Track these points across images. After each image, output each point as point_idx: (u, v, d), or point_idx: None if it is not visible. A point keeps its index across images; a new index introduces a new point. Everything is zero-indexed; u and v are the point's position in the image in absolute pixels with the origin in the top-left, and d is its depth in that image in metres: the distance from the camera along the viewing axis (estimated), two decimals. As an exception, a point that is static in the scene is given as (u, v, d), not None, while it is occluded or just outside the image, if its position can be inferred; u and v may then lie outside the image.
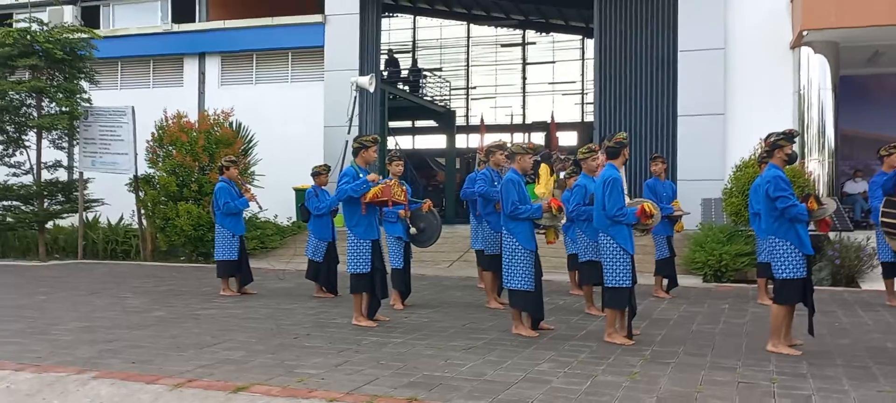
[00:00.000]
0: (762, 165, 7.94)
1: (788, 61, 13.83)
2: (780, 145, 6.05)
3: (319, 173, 9.52)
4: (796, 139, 6.21)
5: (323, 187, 9.47)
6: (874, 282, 9.29)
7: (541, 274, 6.88)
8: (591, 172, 7.83)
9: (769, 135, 6.14)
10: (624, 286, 6.31)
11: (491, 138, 21.06)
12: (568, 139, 25.94)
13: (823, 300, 8.53)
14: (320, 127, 16.85)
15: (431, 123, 26.16)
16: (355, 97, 15.70)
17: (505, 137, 22.23)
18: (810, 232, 6.12)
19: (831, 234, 10.98)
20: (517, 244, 6.72)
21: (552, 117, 25.68)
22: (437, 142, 26.75)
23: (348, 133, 15.15)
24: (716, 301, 8.87)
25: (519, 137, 26.14)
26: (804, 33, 12.89)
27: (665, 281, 9.27)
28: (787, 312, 6.02)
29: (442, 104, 24.49)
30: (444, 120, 24.33)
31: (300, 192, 14.49)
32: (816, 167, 13.25)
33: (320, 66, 17.25)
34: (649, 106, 15.06)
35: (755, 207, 8.19)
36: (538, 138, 26.12)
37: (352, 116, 15.55)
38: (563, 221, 7.16)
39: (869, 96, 15.42)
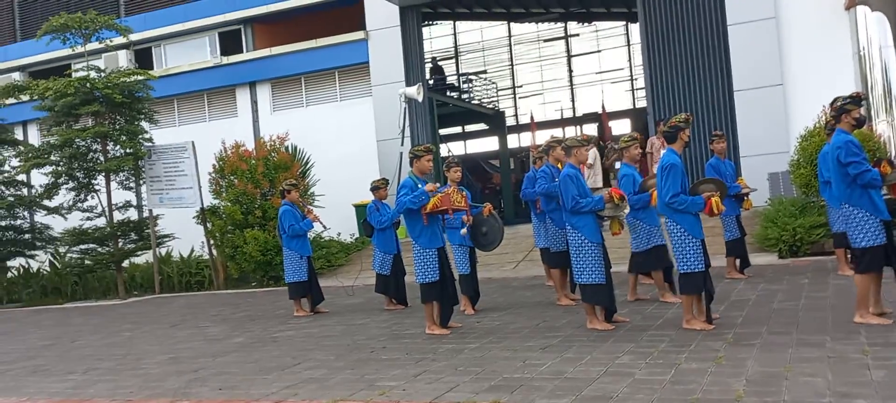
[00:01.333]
0: (830, 133, 7.71)
1: (845, 23, 13.37)
2: (847, 109, 5.87)
3: (378, 187, 9.63)
4: (864, 102, 6.01)
5: (383, 201, 9.58)
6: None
7: (609, 265, 6.82)
8: (633, 161, 7.76)
9: (835, 100, 5.96)
10: (697, 270, 6.20)
11: (542, 135, 20.97)
12: (621, 127, 25.58)
13: (908, 265, 8.19)
14: (373, 142, 17.04)
15: (482, 126, 26.15)
16: (405, 108, 15.83)
17: (556, 132, 22.10)
18: (885, 198, 5.91)
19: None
20: (583, 238, 6.67)
21: (603, 107, 25.39)
22: (490, 144, 26.71)
23: (401, 145, 15.26)
24: (794, 276, 8.62)
25: (571, 131, 25.90)
26: (859, -9, 12.46)
27: (737, 262, 9.07)
28: (872, 280, 5.81)
29: (490, 106, 24.47)
30: (494, 121, 24.31)
31: (361, 209, 14.67)
32: (886, 128, 12.75)
33: (367, 81, 17.46)
34: (703, 84, 14.74)
35: (825, 175, 7.95)
36: (590, 130, 25.84)
37: (404, 128, 15.68)
38: (627, 211, 7.07)
39: (935, 49, 14.77)
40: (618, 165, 12.81)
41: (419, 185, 7.24)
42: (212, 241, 15.11)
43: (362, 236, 15.05)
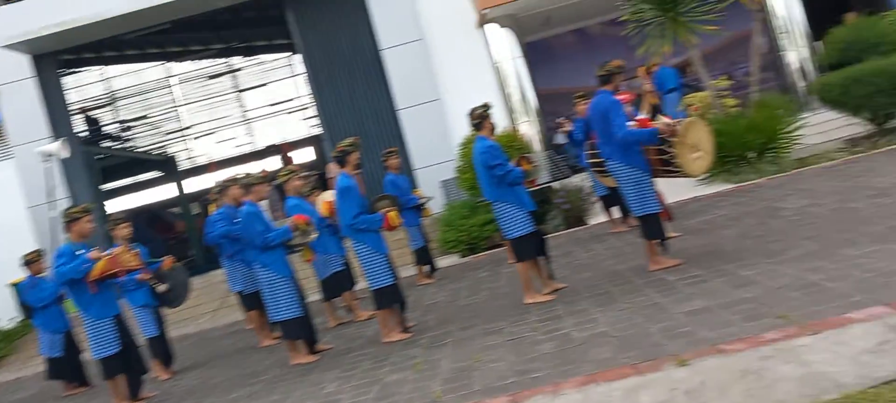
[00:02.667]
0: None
1: (481, 39, 14.96)
2: (487, 115, 6.53)
3: (32, 261, 8.47)
4: (491, 109, 6.64)
5: (40, 275, 8.41)
6: (598, 217, 10.47)
7: (304, 297, 6.78)
8: (296, 192, 7.86)
9: (474, 110, 6.58)
10: (387, 284, 6.43)
11: (223, 175, 20.22)
12: (305, 156, 25.78)
13: (562, 244, 9.43)
14: (23, 210, 14.89)
15: (154, 174, 24.44)
16: (50, 168, 14.07)
17: (238, 169, 21.48)
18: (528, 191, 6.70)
19: (555, 184, 12.17)
20: (273, 274, 6.54)
21: (282, 139, 25.34)
22: (167, 192, 25.04)
23: (52, 209, 13.55)
24: (474, 272, 9.35)
25: (252, 167, 25.37)
26: (484, 12, 14.02)
27: (426, 268, 9.62)
28: (531, 265, 6.55)
29: (159, 152, 22.97)
30: (167, 167, 22.86)
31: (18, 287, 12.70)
32: (528, 128, 14.56)
33: (4, 143, 15.22)
34: (369, 107, 15.42)
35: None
36: (273, 163, 25.59)
37: (52, 190, 13.91)
38: (315, 235, 7.09)
39: (554, 55, 17.26)
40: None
41: (80, 251, 6.46)
42: None
43: (26, 319, 13.05)
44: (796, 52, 14.19)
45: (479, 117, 6.51)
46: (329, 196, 7.81)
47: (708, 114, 11.07)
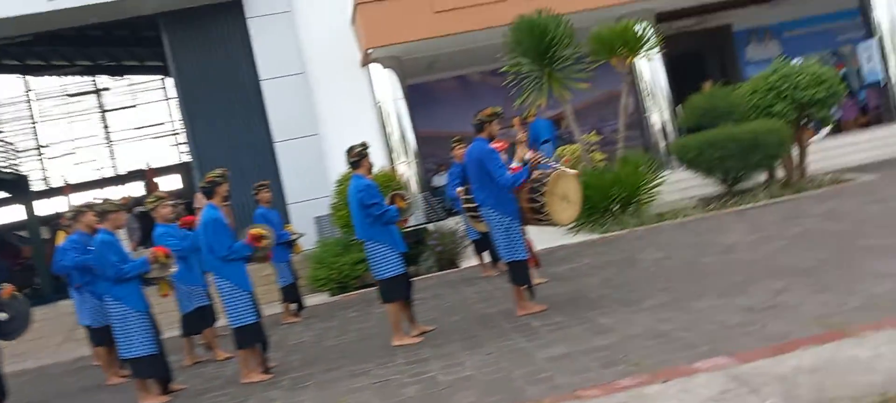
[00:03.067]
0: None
1: (364, 77, 15.00)
2: (365, 154, 6.49)
3: None
4: (369, 150, 6.62)
5: None
6: (469, 260, 10.60)
7: (159, 333, 6.40)
8: (164, 219, 7.53)
9: (352, 148, 6.53)
10: (249, 323, 6.18)
11: (80, 198, 18.96)
12: (172, 183, 24.64)
13: (433, 286, 9.47)
14: None
15: (2, 194, 22.56)
16: None
17: (98, 194, 20.23)
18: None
19: (430, 225, 12.25)
20: (126, 309, 6.14)
21: (148, 164, 24.14)
22: (15, 213, 23.16)
23: None
24: (344, 311, 9.20)
25: (113, 191, 23.97)
26: (369, 52, 14.10)
27: (293, 306, 9.35)
28: (400, 306, 6.51)
29: (8, 170, 21.24)
30: (16, 187, 21.16)
31: None
32: (406, 169, 14.63)
33: None
34: (245, 137, 14.97)
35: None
36: (136, 188, 24.29)
37: None
38: (174, 269, 6.72)
39: (434, 98, 17.54)
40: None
41: None
42: None
43: None
44: (659, 113, 15.20)
45: (358, 155, 6.47)
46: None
47: (578, 166, 11.57)
